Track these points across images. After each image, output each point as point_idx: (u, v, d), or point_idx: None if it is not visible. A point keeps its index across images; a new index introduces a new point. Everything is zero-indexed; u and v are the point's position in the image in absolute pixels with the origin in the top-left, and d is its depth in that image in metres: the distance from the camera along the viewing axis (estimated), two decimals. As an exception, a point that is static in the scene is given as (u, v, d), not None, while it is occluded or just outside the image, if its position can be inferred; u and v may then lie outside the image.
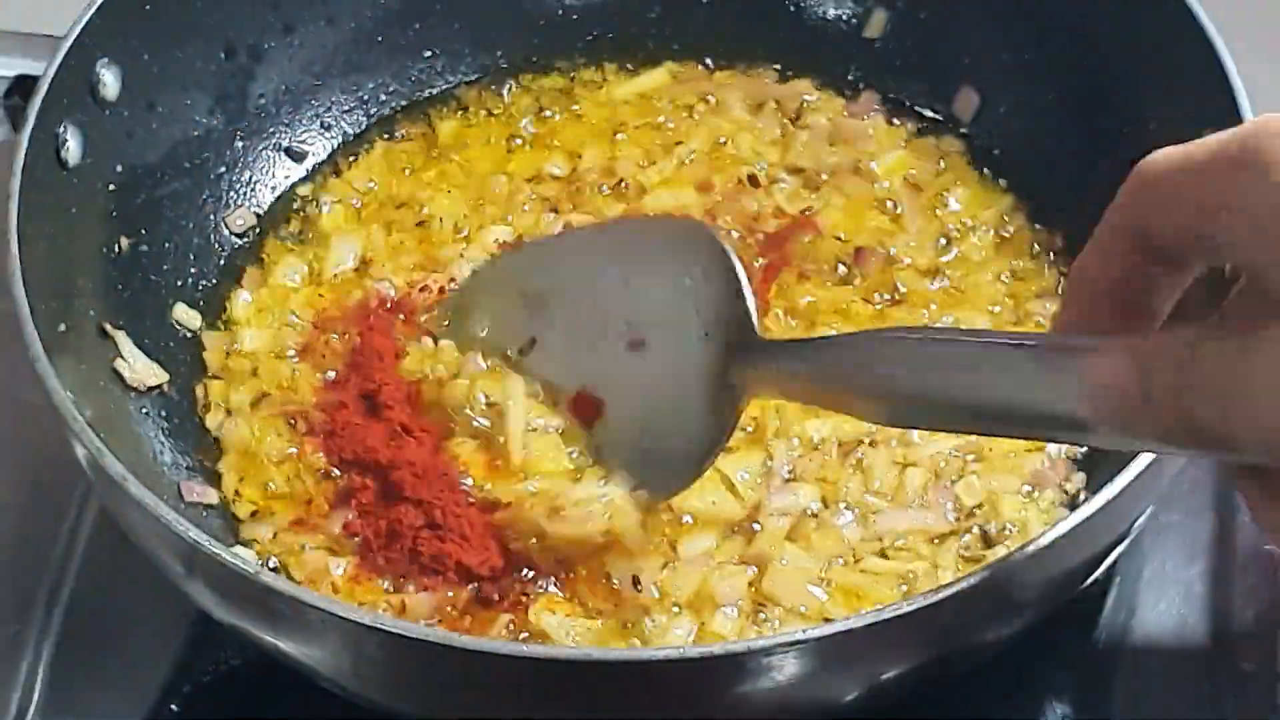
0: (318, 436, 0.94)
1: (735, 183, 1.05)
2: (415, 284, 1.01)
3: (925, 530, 0.90)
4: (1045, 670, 0.91)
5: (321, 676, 0.80)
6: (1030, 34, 1.05)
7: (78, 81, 0.93)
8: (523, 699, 0.76)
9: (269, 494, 0.93)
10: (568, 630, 0.86)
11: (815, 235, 1.02)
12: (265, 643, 0.79)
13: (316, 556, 0.89)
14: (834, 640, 0.72)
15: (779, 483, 0.91)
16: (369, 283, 1.02)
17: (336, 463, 0.93)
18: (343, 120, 1.10)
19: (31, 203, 0.87)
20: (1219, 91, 0.89)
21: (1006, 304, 1.00)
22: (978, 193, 1.05)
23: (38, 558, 0.96)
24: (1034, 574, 0.76)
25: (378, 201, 1.06)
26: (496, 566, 0.88)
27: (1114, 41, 1.00)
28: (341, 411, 0.95)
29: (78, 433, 0.79)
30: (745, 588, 0.87)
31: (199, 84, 1.03)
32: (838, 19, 1.12)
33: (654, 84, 1.12)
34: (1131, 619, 0.93)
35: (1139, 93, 0.98)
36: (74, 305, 0.91)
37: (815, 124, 1.09)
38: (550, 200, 1.06)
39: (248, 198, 1.06)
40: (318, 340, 0.99)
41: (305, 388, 0.97)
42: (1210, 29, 0.91)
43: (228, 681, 0.92)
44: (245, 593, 0.76)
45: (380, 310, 1.00)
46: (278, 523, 0.92)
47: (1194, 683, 0.90)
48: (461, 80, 1.12)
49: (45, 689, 0.91)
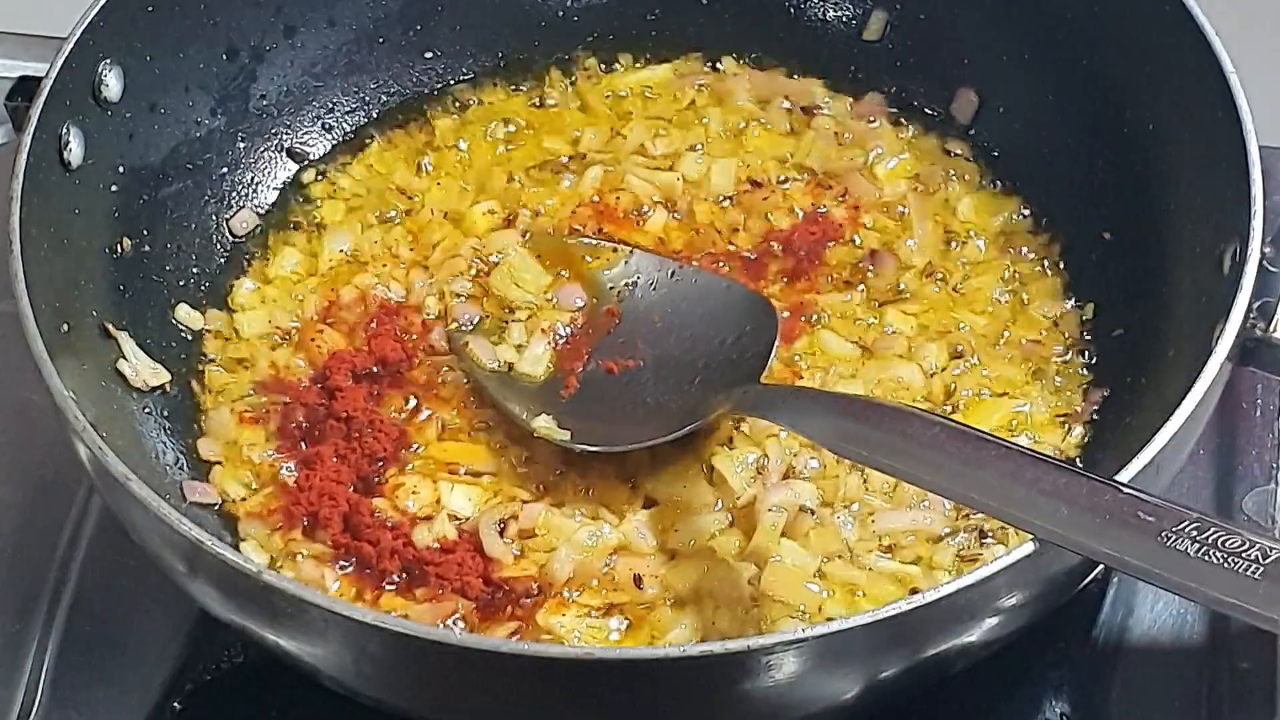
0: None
1: (746, 184, 1.06)
2: (413, 280, 1.01)
3: (924, 530, 0.90)
4: (1044, 670, 0.91)
5: (323, 675, 0.80)
6: (1029, 36, 1.05)
7: (80, 83, 0.93)
8: (524, 698, 0.76)
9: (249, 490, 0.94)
10: (573, 629, 0.86)
11: (833, 239, 1.03)
12: (267, 641, 0.79)
13: (311, 565, 0.90)
14: (833, 639, 0.72)
15: (775, 479, 0.91)
16: (366, 280, 1.02)
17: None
18: (344, 120, 1.10)
19: (34, 204, 0.87)
20: (1218, 91, 0.89)
21: (1006, 305, 1.00)
22: (981, 195, 1.05)
23: (41, 557, 0.96)
24: (1032, 574, 0.76)
25: (376, 196, 1.07)
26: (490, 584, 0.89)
27: (1113, 42, 1.00)
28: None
29: (80, 433, 0.79)
30: (744, 585, 0.87)
31: (201, 85, 1.03)
32: (836, 21, 1.12)
33: (656, 78, 1.12)
34: (1129, 619, 0.93)
35: (1139, 93, 0.98)
36: (76, 306, 0.91)
37: (821, 126, 1.09)
38: (557, 174, 1.06)
39: (249, 198, 1.06)
40: (313, 333, 0.99)
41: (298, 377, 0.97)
42: (1209, 30, 0.91)
43: (229, 680, 0.92)
44: (247, 591, 0.76)
45: (383, 316, 1.00)
46: (273, 523, 0.92)
47: (1191, 682, 0.90)
48: (462, 80, 1.12)
49: (49, 687, 0.91)
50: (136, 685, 0.92)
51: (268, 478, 0.94)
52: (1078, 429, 0.94)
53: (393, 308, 1.00)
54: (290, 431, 0.95)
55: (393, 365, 0.97)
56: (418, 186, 1.07)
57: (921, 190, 1.05)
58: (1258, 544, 0.70)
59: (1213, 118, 0.90)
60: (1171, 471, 0.82)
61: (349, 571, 0.89)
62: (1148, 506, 0.73)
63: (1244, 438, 1.00)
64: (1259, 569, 0.69)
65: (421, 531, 0.90)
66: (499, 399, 0.95)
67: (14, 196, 0.86)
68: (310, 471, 0.93)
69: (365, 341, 0.99)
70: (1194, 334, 0.86)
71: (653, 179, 1.06)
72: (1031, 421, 0.95)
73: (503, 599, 0.88)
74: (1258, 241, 0.84)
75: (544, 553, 0.89)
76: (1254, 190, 0.86)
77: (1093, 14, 1.01)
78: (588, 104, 1.11)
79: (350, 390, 0.96)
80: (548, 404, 0.95)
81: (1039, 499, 0.75)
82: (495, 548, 0.89)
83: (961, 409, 0.95)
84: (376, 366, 0.97)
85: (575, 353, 0.98)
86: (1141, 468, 0.76)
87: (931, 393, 0.96)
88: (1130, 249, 0.99)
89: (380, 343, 0.98)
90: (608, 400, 0.96)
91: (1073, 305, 1.00)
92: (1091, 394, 0.96)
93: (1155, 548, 0.71)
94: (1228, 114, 0.88)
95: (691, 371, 0.95)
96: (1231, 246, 0.86)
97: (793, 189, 1.05)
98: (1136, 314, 0.96)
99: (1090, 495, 0.74)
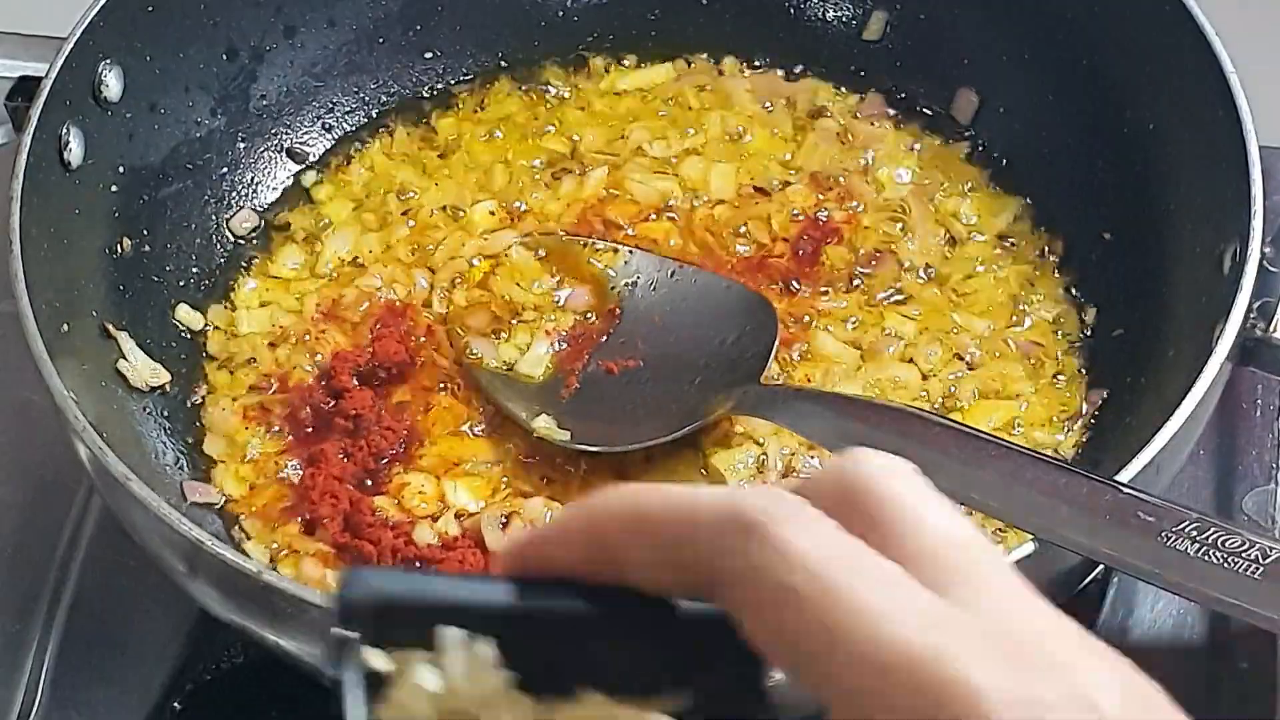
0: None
1: (747, 186, 1.06)
2: (415, 280, 1.02)
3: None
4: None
5: (324, 675, 0.80)
6: (1029, 36, 1.05)
7: (80, 83, 0.93)
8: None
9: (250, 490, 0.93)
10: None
11: (833, 240, 1.03)
12: (268, 641, 0.79)
13: (312, 563, 0.90)
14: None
15: (774, 478, 0.91)
16: (368, 280, 1.02)
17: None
18: (344, 121, 1.10)
19: (34, 204, 0.87)
20: (1218, 91, 0.89)
21: (1006, 305, 1.00)
22: (981, 196, 1.05)
23: (41, 557, 0.96)
24: (1032, 574, 0.75)
25: (377, 196, 1.07)
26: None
27: (1113, 42, 1.00)
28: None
29: (80, 433, 0.79)
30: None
31: (201, 85, 1.03)
32: (836, 20, 1.12)
33: (658, 78, 1.12)
34: (1129, 618, 0.93)
35: (1139, 93, 0.98)
36: (76, 306, 0.91)
37: (824, 128, 1.09)
38: (557, 176, 1.06)
39: (249, 198, 1.06)
40: (315, 333, 0.99)
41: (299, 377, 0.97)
42: (1209, 30, 0.91)
43: (230, 680, 0.92)
44: (247, 591, 0.76)
45: (385, 316, 1.00)
46: (274, 522, 0.92)
47: (1191, 682, 0.90)
48: (462, 80, 1.12)
49: (49, 687, 0.91)
50: (136, 685, 0.92)
51: (268, 477, 0.94)
52: (1077, 429, 0.95)
53: (394, 307, 1.00)
54: (291, 431, 0.95)
55: (395, 364, 0.97)
56: (418, 186, 1.07)
57: (922, 191, 1.06)
58: (1258, 544, 0.70)
59: (1213, 118, 0.90)
60: (1171, 471, 0.82)
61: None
62: (1147, 506, 0.73)
63: (1244, 438, 1.00)
64: (1259, 569, 0.69)
65: (423, 529, 0.90)
66: (500, 399, 0.95)
67: (14, 196, 0.86)
68: (311, 471, 0.93)
69: (368, 341, 0.99)
70: (1194, 334, 0.86)
71: (653, 181, 1.06)
72: (1031, 421, 0.95)
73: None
74: (1258, 241, 0.84)
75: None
76: (1254, 190, 0.86)
77: (1093, 14, 1.01)
78: (589, 104, 1.11)
79: (352, 389, 0.96)
80: (548, 404, 0.95)
81: (1039, 499, 0.75)
82: (498, 543, 0.89)
83: (961, 409, 0.95)
84: (378, 366, 0.97)
85: (575, 353, 0.98)
86: (1141, 468, 0.76)
87: (931, 393, 0.96)
88: (1130, 249, 0.99)
89: (383, 344, 0.98)
90: (608, 400, 0.96)
91: (1073, 305, 1.00)
92: (1091, 394, 0.96)
93: (1155, 548, 0.71)
94: (1228, 114, 0.88)
95: (691, 371, 0.95)
96: (1231, 246, 0.86)
97: (793, 191, 1.05)
98: (1136, 314, 0.96)
99: (1090, 495, 0.74)
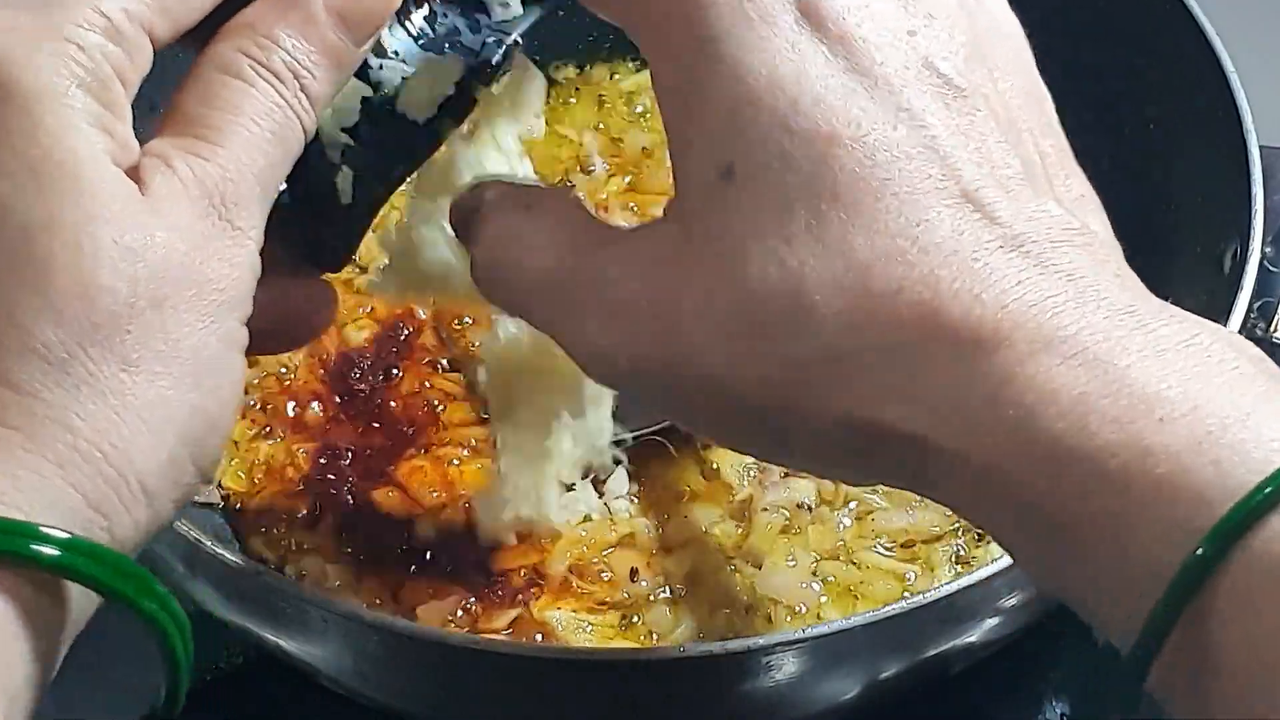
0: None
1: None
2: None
3: (923, 529, 0.90)
4: (1045, 670, 0.91)
5: (323, 675, 0.80)
6: (1029, 35, 1.05)
7: (80, 82, 0.93)
8: (522, 697, 0.77)
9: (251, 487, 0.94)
10: (571, 625, 0.86)
11: None
12: (267, 642, 0.79)
13: (314, 562, 0.90)
14: (833, 640, 0.72)
15: (775, 477, 0.91)
16: (367, 280, 1.02)
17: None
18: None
19: (34, 203, 0.87)
20: (1219, 91, 0.89)
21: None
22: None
23: (40, 556, 0.96)
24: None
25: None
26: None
27: (1113, 42, 1.00)
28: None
29: (80, 432, 0.79)
30: (742, 584, 0.87)
31: (201, 84, 1.03)
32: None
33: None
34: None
35: (1139, 93, 0.98)
36: (76, 305, 0.91)
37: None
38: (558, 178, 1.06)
39: (249, 198, 1.06)
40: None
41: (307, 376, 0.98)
42: (1209, 30, 0.91)
43: (230, 680, 0.92)
44: (247, 591, 0.76)
45: (388, 314, 1.00)
46: (275, 519, 0.92)
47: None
48: (461, 80, 1.12)
49: (49, 687, 0.91)
50: (136, 685, 0.92)
51: (269, 476, 0.94)
52: (1077, 428, 0.94)
53: (397, 306, 1.00)
54: (293, 428, 0.95)
55: (398, 360, 0.97)
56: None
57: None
58: None
59: (1213, 118, 0.90)
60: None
61: (350, 566, 0.89)
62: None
63: (1244, 438, 0.99)
64: None
65: (423, 524, 0.91)
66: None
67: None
68: (313, 467, 0.93)
69: (371, 338, 0.99)
70: (1194, 334, 0.86)
71: (654, 182, 1.06)
72: (1031, 421, 0.95)
73: (501, 590, 0.88)
74: (1258, 241, 0.84)
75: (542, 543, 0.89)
76: (1254, 190, 0.86)
77: (1092, 13, 1.01)
78: (590, 105, 1.11)
79: (354, 386, 0.96)
80: None
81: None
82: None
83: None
84: (379, 361, 0.97)
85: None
86: (1141, 468, 0.76)
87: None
88: (1130, 249, 0.98)
89: (386, 341, 0.98)
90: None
91: (1073, 305, 1.00)
92: (1092, 394, 0.96)
93: None
94: (1228, 114, 0.88)
95: None
96: (1231, 246, 0.86)
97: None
98: (1136, 314, 0.96)
99: None
